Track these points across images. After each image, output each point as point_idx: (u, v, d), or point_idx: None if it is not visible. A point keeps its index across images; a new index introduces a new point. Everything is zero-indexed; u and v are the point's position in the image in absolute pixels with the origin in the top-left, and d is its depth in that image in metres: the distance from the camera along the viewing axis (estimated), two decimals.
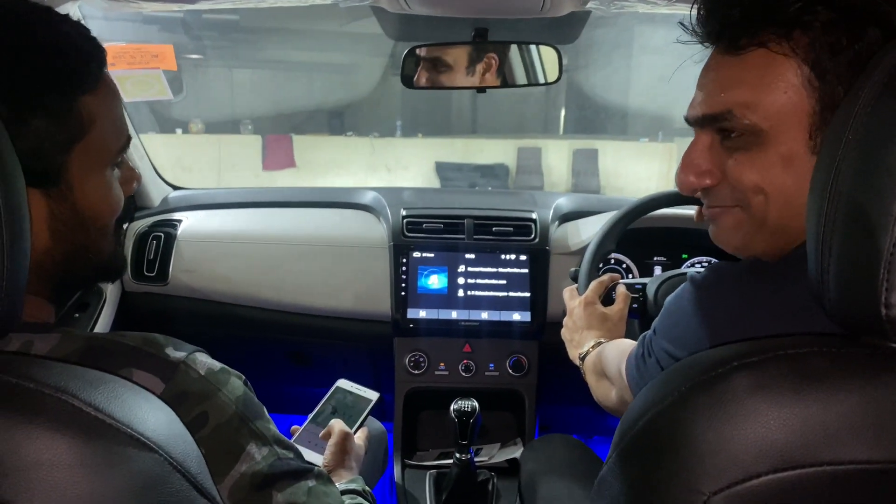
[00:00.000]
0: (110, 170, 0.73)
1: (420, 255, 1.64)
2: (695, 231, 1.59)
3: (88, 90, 0.67)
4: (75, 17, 1.28)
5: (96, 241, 0.73)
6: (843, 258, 0.52)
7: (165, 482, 0.52)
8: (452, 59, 1.45)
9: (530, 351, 1.67)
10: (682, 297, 0.74)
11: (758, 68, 0.66)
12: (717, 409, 0.52)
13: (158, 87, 1.54)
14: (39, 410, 0.48)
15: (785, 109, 0.65)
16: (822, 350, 0.52)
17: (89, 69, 0.68)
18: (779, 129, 0.65)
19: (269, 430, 0.72)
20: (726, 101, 0.68)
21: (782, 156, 0.66)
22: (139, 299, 1.68)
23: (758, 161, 0.68)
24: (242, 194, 1.92)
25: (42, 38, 0.65)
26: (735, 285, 0.69)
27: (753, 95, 0.66)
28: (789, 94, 0.64)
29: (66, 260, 0.70)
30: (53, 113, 0.64)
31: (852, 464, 0.49)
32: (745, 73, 0.67)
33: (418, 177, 10.10)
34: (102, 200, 0.72)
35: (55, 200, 0.67)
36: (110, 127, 0.71)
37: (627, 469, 0.58)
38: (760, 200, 0.69)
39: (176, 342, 0.69)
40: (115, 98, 0.73)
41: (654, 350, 0.78)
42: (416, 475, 1.61)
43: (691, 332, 0.71)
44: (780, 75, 0.64)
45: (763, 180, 0.68)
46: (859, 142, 0.51)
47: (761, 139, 0.67)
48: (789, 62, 0.64)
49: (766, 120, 0.66)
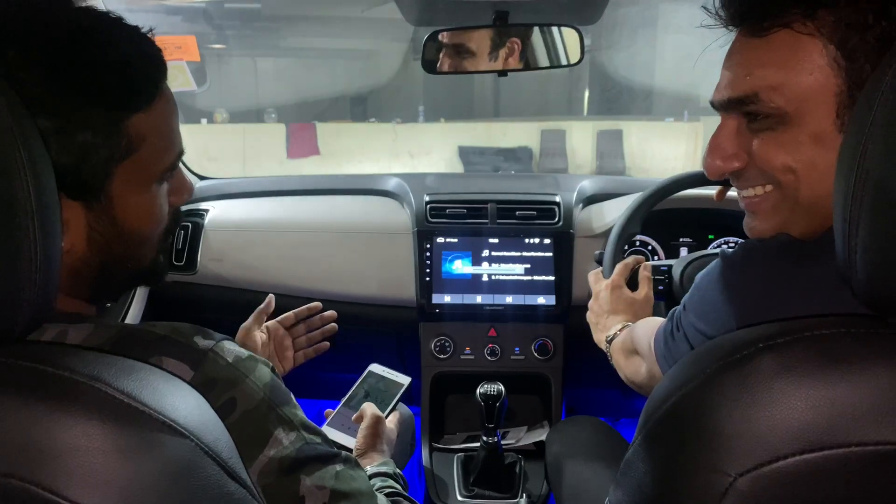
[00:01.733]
0: (157, 185, 0.73)
1: (444, 240, 1.64)
2: (721, 211, 1.57)
3: (140, 109, 0.67)
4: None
5: (135, 252, 0.73)
6: (870, 238, 0.51)
7: (198, 467, 0.53)
8: (474, 43, 1.44)
9: (556, 334, 1.66)
10: (712, 274, 0.74)
11: (783, 50, 0.65)
12: (743, 391, 0.52)
13: (183, 78, 1.55)
14: (74, 398, 0.50)
15: (812, 90, 0.65)
16: (848, 331, 0.52)
17: (143, 88, 0.68)
18: (805, 110, 0.65)
19: (296, 415, 0.73)
20: (752, 85, 0.68)
21: (810, 135, 0.66)
22: (169, 288, 1.71)
23: (785, 141, 0.68)
24: (267, 183, 1.94)
25: (97, 54, 0.64)
26: (766, 263, 0.69)
27: (779, 77, 0.66)
28: (815, 75, 0.64)
29: (103, 268, 0.71)
30: (99, 130, 0.64)
31: (880, 444, 0.48)
32: (770, 55, 0.66)
33: (441, 162, 10.09)
34: (145, 216, 0.72)
35: (95, 214, 0.68)
36: (160, 145, 0.71)
37: (653, 451, 0.58)
38: (791, 179, 0.69)
39: (204, 331, 0.70)
40: (169, 115, 0.72)
41: (683, 325, 0.78)
42: (444, 458, 1.62)
43: (720, 309, 0.70)
44: (805, 56, 0.64)
45: (792, 159, 0.68)
46: (886, 120, 0.50)
47: (787, 120, 0.67)
48: (815, 42, 0.64)
49: (793, 102, 0.66)
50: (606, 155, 10.08)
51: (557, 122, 10.51)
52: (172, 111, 0.73)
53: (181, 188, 0.79)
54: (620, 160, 10.02)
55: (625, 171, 9.83)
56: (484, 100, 11.64)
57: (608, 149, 10.14)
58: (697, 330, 0.75)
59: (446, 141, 10.30)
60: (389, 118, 10.60)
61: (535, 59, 1.46)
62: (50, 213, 0.56)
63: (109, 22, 0.67)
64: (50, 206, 0.56)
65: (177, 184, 0.78)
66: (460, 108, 11.31)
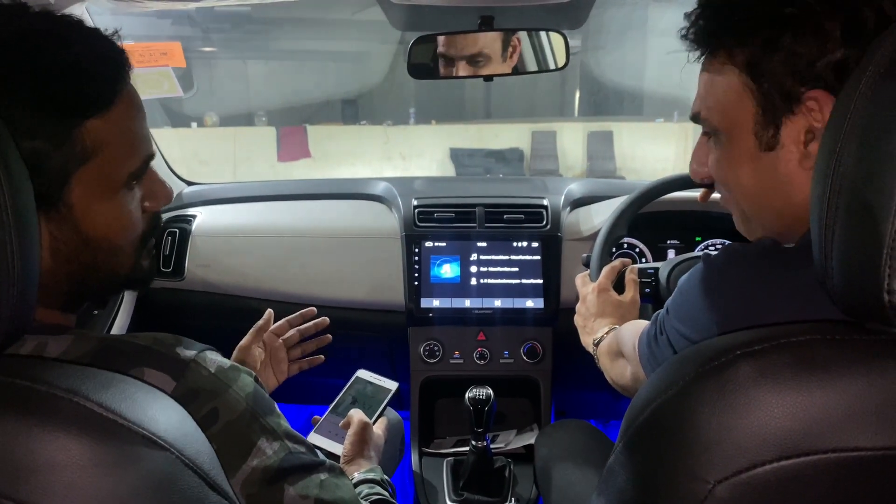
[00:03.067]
0: (125, 190, 0.70)
1: (432, 244, 1.64)
2: (708, 214, 1.58)
3: (96, 114, 0.65)
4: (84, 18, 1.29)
5: (106, 261, 0.71)
6: (846, 244, 0.52)
7: (178, 480, 0.53)
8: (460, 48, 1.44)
9: (544, 337, 1.67)
10: (694, 277, 0.75)
11: (714, 76, 0.74)
12: (721, 399, 0.52)
13: (169, 84, 1.55)
14: (52, 413, 0.50)
15: (734, 111, 0.73)
16: (824, 338, 0.52)
17: (98, 92, 0.65)
18: (733, 129, 0.73)
19: (279, 424, 0.72)
20: (698, 105, 0.78)
21: (739, 152, 0.74)
22: (156, 294, 1.70)
23: (722, 158, 0.77)
24: (255, 188, 1.94)
25: (44, 60, 0.62)
26: (747, 267, 0.70)
27: (712, 100, 0.75)
28: (735, 98, 0.72)
29: (72, 279, 0.69)
30: (49, 138, 0.62)
31: (856, 451, 0.49)
32: (708, 79, 0.76)
33: (433, 164, 10.09)
34: (112, 223, 0.70)
35: (55, 223, 0.66)
36: (121, 150, 0.68)
37: (633, 458, 0.58)
38: (731, 192, 0.78)
39: (186, 341, 0.69)
40: (131, 118, 0.69)
41: (667, 329, 0.79)
42: (434, 463, 1.62)
43: (702, 313, 0.71)
44: (726, 81, 0.73)
45: (726, 176, 0.77)
46: (860, 128, 0.50)
47: (723, 139, 0.75)
48: (732, 70, 0.72)
49: (723, 121, 0.74)
50: (597, 156, 10.10)
51: (548, 124, 10.52)
52: (135, 114, 0.70)
53: (157, 193, 0.76)
54: (611, 161, 10.04)
55: (615, 172, 9.85)
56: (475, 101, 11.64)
57: (599, 150, 10.15)
58: (680, 334, 0.76)
59: (438, 143, 10.31)
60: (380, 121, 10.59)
61: (521, 63, 1.46)
62: (28, 226, 0.55)
63: (64, 25, 0.66)
64: (27, 218, 0.56)
65: (151, 188, 0.76)
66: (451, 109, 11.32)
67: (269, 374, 1.23)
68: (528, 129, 10.29)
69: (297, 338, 1.26)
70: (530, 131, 10.28)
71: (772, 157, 0.70)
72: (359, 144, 10.10)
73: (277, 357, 1.24)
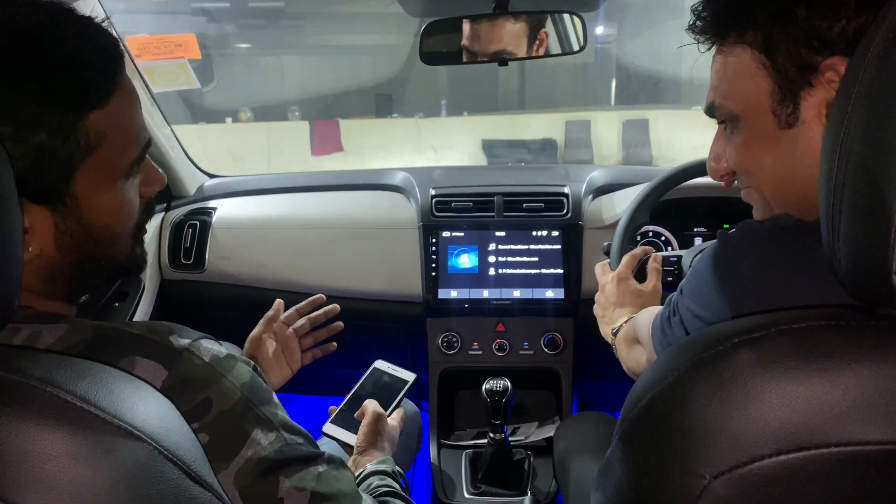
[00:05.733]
0: (125, 180, 0.71)
1: (450, 234, 1.62)
2: (735, 200, 1.52)
3: (97, 106, 0.66)
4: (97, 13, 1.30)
5: (107, 250, 0.72)
6: (853, 223, 0.48)
7: (156, 472, 0.52)
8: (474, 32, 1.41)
9: (565, 328, 1.64)
10: (709, 256, 0.72)
11: (726, 60, 0.73)
12: (717, 389, 0.49)
13: (185, 76, 1.55)
14: (25, 403, 0.49)
15: (750, 93, 0.70)
16: (828, 324, 0.49)
17: (99, 85, 0.66)
18: (749, 111, 0.71)
19: (276, 415, 0.71)
20: (713, 95, 0.76)
21: (757, 135, 0.71)
22: (177, 287, 1.72)
23: (740, 143, 0.74)
24: (275, 180, 1.94)
25: (46, 54, 0.63)
26: (762, 245, 0.67)
27: (726, 86, 0.73)
28: (750, 79, 0.70)
29: (77, 268, 0.70)
30: (55, 132, 0.63)
31: (861, 444, 0.45)
32: (720, 66, 0.74)
33: (465, 155, 10.06)
34: (114, 212, 0.71)
35: (61, 216, 0.67)
36: (122, 139, 0.69)
37: (629, 452, 0.56)
38: (753, 180, 0.75)
39: (182, 329, 0.69)
40: (130, 107, 0.70)
41: (680, 310, 0.77)
42: (453, 455, 1.61)
43: (716, 292, 0.68)
44: (741, 64, 0.71)
45: (746, 162, 0.74)
46: (867, 100, 0.47)
47: (739, 123, 0.73)
48: (746, 50, 0.70)
49: (738, 104, 0.72)
50: (633, 144, 9.95)
51: (583, 113, 10.40)
52: (133, 103, 0.71)
53: (151, 179, 0.77)
54: (647, 149, 9.89)
55: (652, 160, 9.70)
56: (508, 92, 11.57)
57: (634, 138, 10.01)
58: (694, 314, 0.73)
59: (469, 134, 10.27)
60: (412, 113, 10.59)
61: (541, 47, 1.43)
62: (8, 212, 0.55)
63: (60, 16, 0.65)
64: (7, 203, 0.55)
65: (146, 175, 0.76)
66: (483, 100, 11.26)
67: (283, 364, 1.22)
68: (562, 119, 10.18)
69: (307, 326, 1.25)
70: (564, 121, 10.16)
71: (792, 134, 0.67)
72: (391, 137, 10.12)
73: (290, 347, 1.23)
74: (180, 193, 1.85)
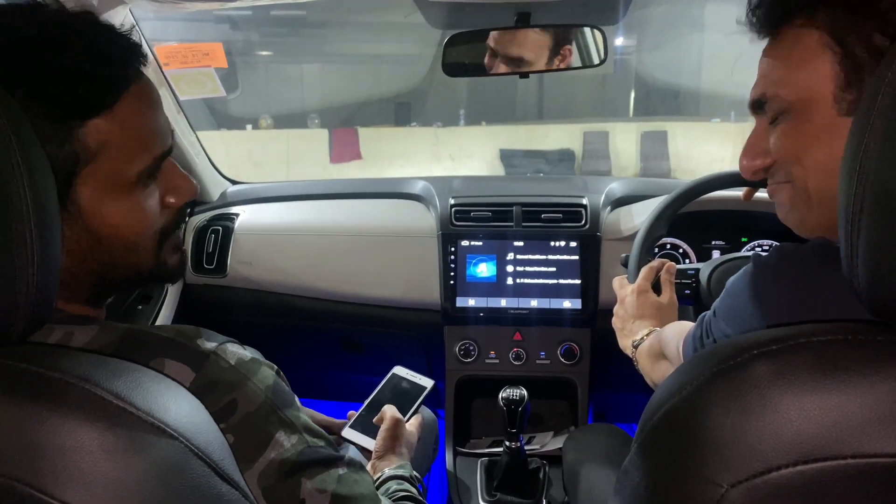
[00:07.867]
0: (140, 187, 0.70)
1: (468, 243, 1.64)
2: (755, 214, 1.53)
3: (96, 114, 0.65)
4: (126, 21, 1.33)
5: (123, 258, 0.72)
6: (872, 239, 0.49)
7: (186, 468, 0.54)
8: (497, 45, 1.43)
9: (582, 339, 1.64)
10: (744, 279, 0.72)
11: (786, 48, 0.70)
12: (736, 399, 0.50)
13: (212, 84, 1.59)
14: (63, 399, 0.51)
15: (811, 80, 0.68)
16: (846, 338, 0.49)
17: (98, 93, 0.65)
18: (807, 99, 0.68)
19: (298, 418, 0.73)
20: (763, 85, 0.73)
21: (814, 125, 0.69)
22: (200, 291, 1.75)
23: (792, 133, 0.71)
24: (296, 187, 1.96)
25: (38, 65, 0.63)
26: (798, 267, 0.67)
27: (781, 73, 0.70)
28: (813, 65, 0.67)
29: (92, 276, 0.70)
30: (48, 141, 0.62)
31: (878, 457, 0.46)
32: (776, 54, 0.71)
33: (483, 165, 10.07)
34: (125, 221, 0.70)
35: (66, 223, 0.66)
36: (129, 148, 0.68)
37: (647, 461, 0.57)
38: (799, 171, 0.71)
39: (209, 333, 0.70)
40: (140, 114, 0.69)
41: (713, 331, 0.77)
42: (468, 463, 1.61)
43: (751, 316, 0.69)
44: (804, 48, 0.68)
45: (799, 150, 0.71)
46: (886, 119, 0.48)
47: (794, 113, 0.70)
48: (812, 34, 0.67)
49: (795, 92, 0.69)
50: (651, 156, 9.91)
51: (601, 124, 10.38)
52: (144, 110, 0.70)
53: (178, 188, 0.76)
54: (665, 161, 9.85)
55: (670, 172, 9.66)
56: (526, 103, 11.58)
57: (653, 150, 9.96)
58: (727, 336, 0.73)
59: (487, 144, 10.28)
60: (431, 122, 10.63)
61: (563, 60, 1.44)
62: (47, 215, 0.57)
63: (68, 24, 0.66)
64: (47, 208, 0.57)
65: (172, 183, 0.75)
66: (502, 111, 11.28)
67: None
68: (580, 130, 10.17)
69: None
70: (582, 132, 10.16)
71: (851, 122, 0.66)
72: (409, 146, 10.16)
73: None
74: (204, 199, 1.88)
